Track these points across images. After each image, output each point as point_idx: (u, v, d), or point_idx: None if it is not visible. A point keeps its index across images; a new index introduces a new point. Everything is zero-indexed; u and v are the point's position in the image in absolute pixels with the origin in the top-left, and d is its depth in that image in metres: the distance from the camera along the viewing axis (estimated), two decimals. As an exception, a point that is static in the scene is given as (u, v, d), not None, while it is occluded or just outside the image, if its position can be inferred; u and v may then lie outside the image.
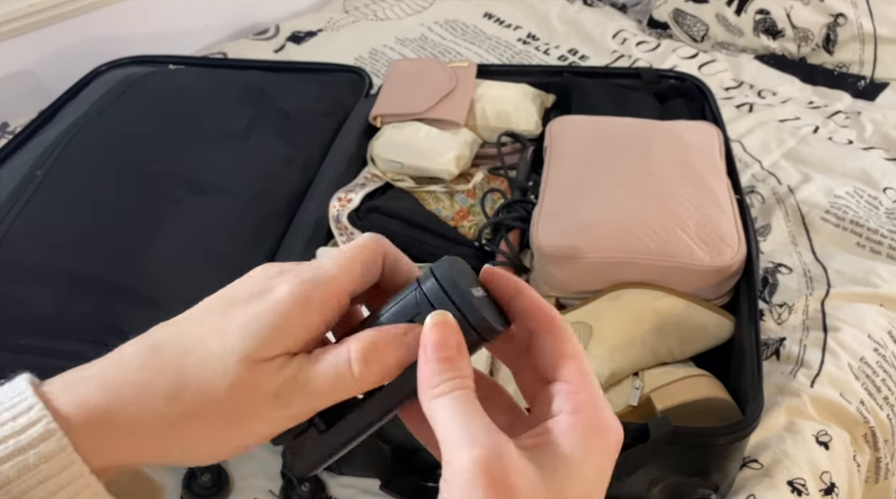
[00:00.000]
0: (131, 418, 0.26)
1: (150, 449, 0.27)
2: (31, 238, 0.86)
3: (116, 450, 0.26)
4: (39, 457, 0.24)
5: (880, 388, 0.84)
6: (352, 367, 0.29)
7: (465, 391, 0.28)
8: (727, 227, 0.85)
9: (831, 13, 1.42)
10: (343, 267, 0.30)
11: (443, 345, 0.29)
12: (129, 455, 0.27)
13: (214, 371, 0.27)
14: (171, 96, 1.11)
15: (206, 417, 0.27)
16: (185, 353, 0.27)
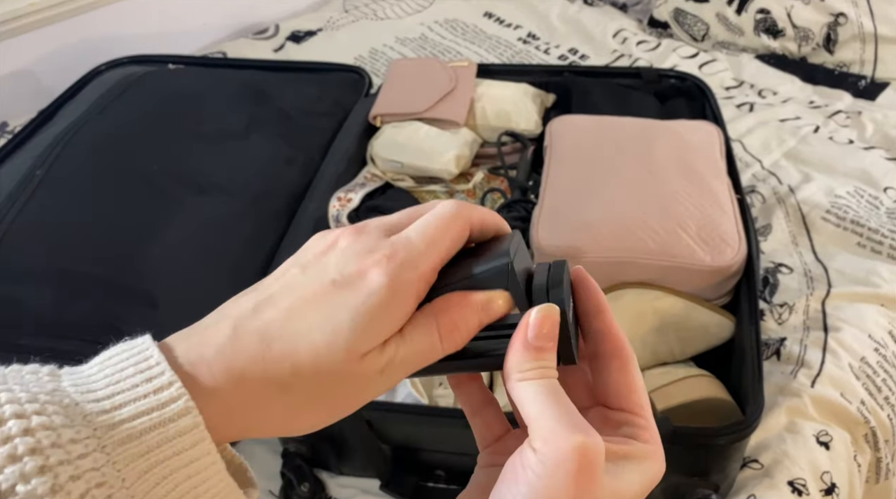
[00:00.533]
0: (255, 409, 0.28)
1: (256, 430, 0.29)
2: (31, 238, 0.86)
3: (231, 431, 0.28)
4: (177, 431, 0.26)
5: (881, 388, 0.84)
6: (441, 341, 0.30)
7: (553, 381, 0.30)
8: (728, 226, 0.85)
9: (832, 13, 1.41)
10: (432, 244, 0.30)
11: (546, 336, 0.30)
12: (236, 434, 0.29)
13: (325, 365, 0.28)
14: (170, 96, 1.11)
15: (316, 404, 0.29)
16: (295, 347, 0.28)
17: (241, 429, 0.29)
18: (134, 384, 0.26)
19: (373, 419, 0.73)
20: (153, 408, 0.26)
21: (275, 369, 0.28)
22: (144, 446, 0.25)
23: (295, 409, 0.29)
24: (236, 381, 0.28)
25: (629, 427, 0.32)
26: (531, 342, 0.30)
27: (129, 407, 0.26)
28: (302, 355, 0.28)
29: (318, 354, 0.28)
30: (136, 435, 0.25)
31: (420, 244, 0.30)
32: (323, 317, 0.28)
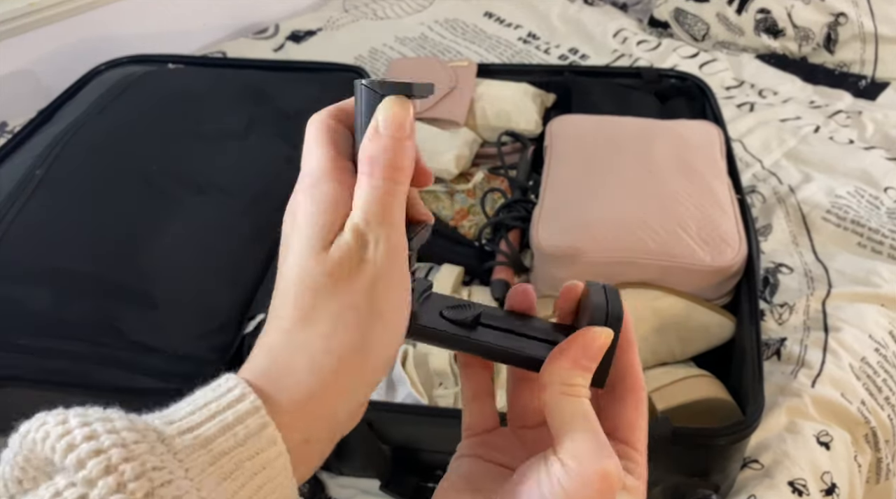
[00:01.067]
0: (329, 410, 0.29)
1: (337, 403, 0.29)
2: (31, 238, 0.86)
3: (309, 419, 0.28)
4: (237, 416, 0.26)
5: (881, 388, 0.84)
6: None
7: (587, 401, 0.31)
8: (728, 226, 0.85)
9: (832, 12, 1.41)
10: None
11: (596, 358, 0.32)
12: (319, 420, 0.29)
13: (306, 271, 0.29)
14: (170, 96, 1.11)
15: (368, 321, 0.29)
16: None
17: (321, 414, 0.29)
18: (206, 403, 0.27)
19: (373, 419, 0.73)
20: (219, 410, 0.26)
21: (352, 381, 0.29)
22: (205, 438, 0.25)
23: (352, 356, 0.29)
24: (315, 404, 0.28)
25: (626, 461, 0.33)
26: (580, 360, 0.31)
27: (197, 413, 0.26)
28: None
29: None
30: (196, 426, 0.26)
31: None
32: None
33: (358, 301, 0.29)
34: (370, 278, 0.29)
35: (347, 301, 0.29)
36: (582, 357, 0.31)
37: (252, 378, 0.28)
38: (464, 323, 0.34)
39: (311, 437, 0.28)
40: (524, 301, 0.36)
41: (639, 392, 0.34)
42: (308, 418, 0.28)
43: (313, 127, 0.33)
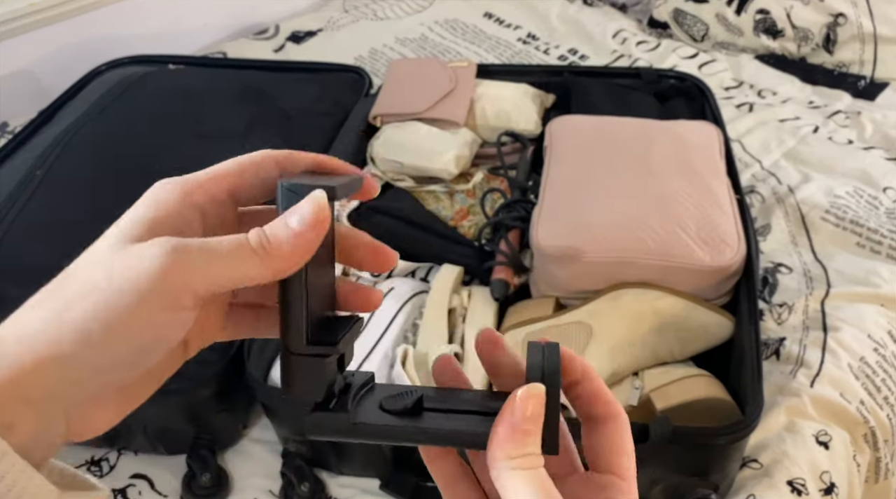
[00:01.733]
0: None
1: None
2: (31, 238, 0.86)
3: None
4: None
5: (880, 388, 0.84)
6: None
7: (541, 470, 0.29)
8: (727, 227, 0.85)
9: (831, 13, 1.42)
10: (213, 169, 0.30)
11: (532, 419, 0.29)
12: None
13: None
14: (170, 96, 1.11)
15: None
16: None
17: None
18: None
19: (373, 419, 0.73)
20: None
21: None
22: None
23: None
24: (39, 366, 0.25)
25: (612, 491, 0.31)
26: (519, 425, 0.29)
27: None
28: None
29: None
30: None
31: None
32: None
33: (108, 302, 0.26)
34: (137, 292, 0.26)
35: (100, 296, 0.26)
36: (521, 422, 0.29)
37: None
38: (404, 412, 0.32)
39: (12, 421, 0.25)
40: (451, 372, 0.34)
41: (615, 418, 0.32)
42: (5, 396, 0.24)
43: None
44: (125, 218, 0.29)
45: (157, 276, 0.26)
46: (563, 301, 0.88)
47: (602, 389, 0.32)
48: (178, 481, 0.79)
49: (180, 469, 0.79)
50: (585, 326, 0.81)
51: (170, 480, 0.80)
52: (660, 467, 0.71)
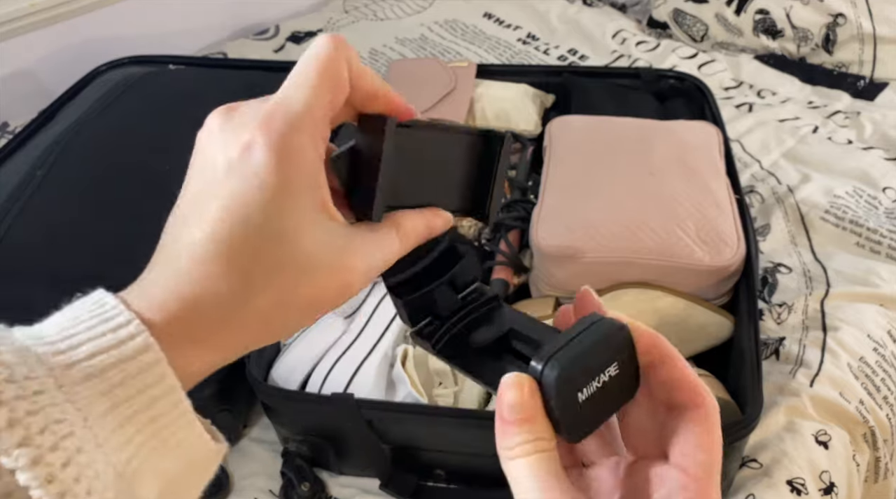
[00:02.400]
0: (220, 326, 0.27)
1: (225, 348, 0.28)
2: (31, 238, 0.86)
3: (201, 356, 0.27)
4: (139, 368, 0.25)
5: (880, 387, 0.85)
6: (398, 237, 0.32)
7: (544, 454, 0.28)
8: (727, 227, 0.85)
9: (831, 13, 1.42)
10: (310, 100, 0.28)
11: (519, 407, 0.28)
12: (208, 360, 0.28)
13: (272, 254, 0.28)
14: (171, 96, 1.11)
15: (283, 298, 0.28)
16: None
17: (212, 351, 0.27)
18: (89, 326, 0.25)
19: (373, 419, 0.73)
20: (111, 346, 0.25)
21: (219, 282, 0.27)
22: (106, 385, 0.24)
23: (260, 310, 0.27)
24: (191, 306, 0.26)
25: (679, 490, 0.29)
26: (504, 417, 0.28)
27: (85, 346, 0.24)
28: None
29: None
30: (97, 373, 0.24)
31: (295, 97, 0.28)
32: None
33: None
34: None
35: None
36: (506, 413, 0.28)
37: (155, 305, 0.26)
38: (479, 348, 0.34)
39: (200, 368, 0.28)
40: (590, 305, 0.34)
41: (696, 409, 0.29)
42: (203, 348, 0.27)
43: (326, 62, 0.29)
44: (313, 184, 0.28)
45: (349, 281, 0.29)
46: (563, 301, 0.88)
47: (685, 375, 0.30)
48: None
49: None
50: (585, 325, 0.81)
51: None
52: (659, 467, 0.71)
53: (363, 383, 0.78)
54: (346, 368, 0.80)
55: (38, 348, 0.24)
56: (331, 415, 0.74)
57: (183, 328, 0.26)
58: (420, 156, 0.32)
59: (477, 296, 0.36)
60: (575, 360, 0.29)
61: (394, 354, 0.82)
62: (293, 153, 0.27)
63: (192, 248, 0.27)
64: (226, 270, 0.27)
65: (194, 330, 0.27)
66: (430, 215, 0.33)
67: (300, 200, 0.27)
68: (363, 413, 0.73)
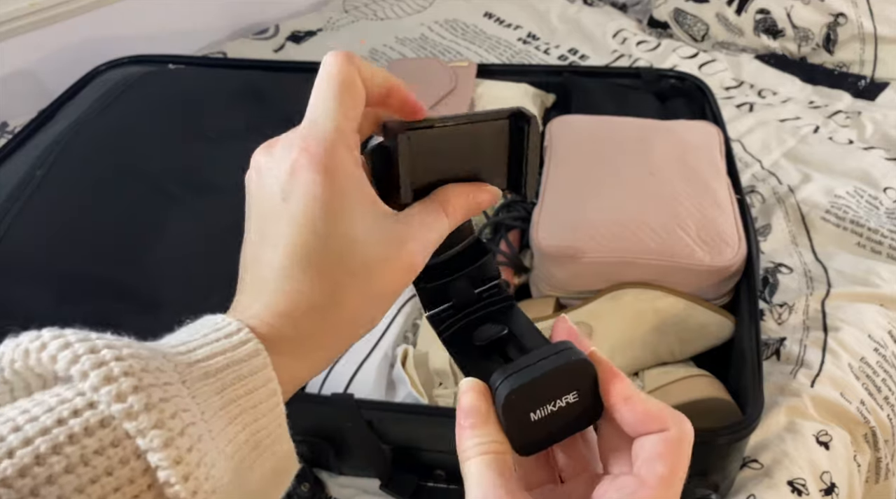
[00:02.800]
0: (317, 332, 0.30)
1: (326, 349, 0.31)
2: (31, 238, 0.86)
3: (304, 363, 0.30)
4: (250, 370, 0.28)
5: (881, 388, 0.84)
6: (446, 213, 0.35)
7: (493, 457, 0.30)
8: (727, 226, 0.85)
9: (832, 13, 1.42)
10: (336, 116, 0.31)
11: (472, 412, 0.31)
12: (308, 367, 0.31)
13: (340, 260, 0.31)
14: (170, 96, 1.11)
15: (360, 297, 0.31)
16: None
17: (308, 362, 0.30)
18: (205, 334, 0.28)
19: (373, 419, 0.73)
20: (226, 349, 0.28)
21: (308, 291, 0.30)
22: (220, 384, 0.27)
23: (346, 311, 0.30)
24: (287, 319, 0.29)
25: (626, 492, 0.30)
26: (460, 420, 0.31)
27: (203, 349, 0.27)
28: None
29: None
30: (213, 373, 0.27)
31: (322, 118, 0.31)
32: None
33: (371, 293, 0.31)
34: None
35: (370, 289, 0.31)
36: (461, 416, 0.31)
37: (258, 317, 0.30)
38: (480, 347, 0.35)
39: (297, 378, 0.31)
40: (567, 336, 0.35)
41: (663, 432, 0.31)
42: (299, 365, 0.30)
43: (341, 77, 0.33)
44: (358, 186, 0.31)
45: (412, 274, 0.32)
46: (563, 301, 0.88)
47: (647, 408, 0.31)
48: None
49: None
50: (586, 326, 0.81)
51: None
52: (660, 468, 0.71)
53: (363, 382, 0.78)
54: (346, 368, 0.80)
55: (165, 349, 0.27)
56: (331, 415, 0.74)
57: (283, 341, 0.29)
58: (443, 148, 0.34)
59: (495, 293, 0.38)
60: (530, 382, 0.30)
61: (394, 355, 0.82)
62: (334, 165, 0.30)
63: (274, 268, 0.30)
64: (310, 280, 0.30)
65: (293, 342, 0.29)
66: (474, 190, 0.35)
67: (353, 203, 0.30)
68: (363, 413, 0.72)
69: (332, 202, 0.30)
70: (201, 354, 0.27)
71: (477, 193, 0.35)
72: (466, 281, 0.37)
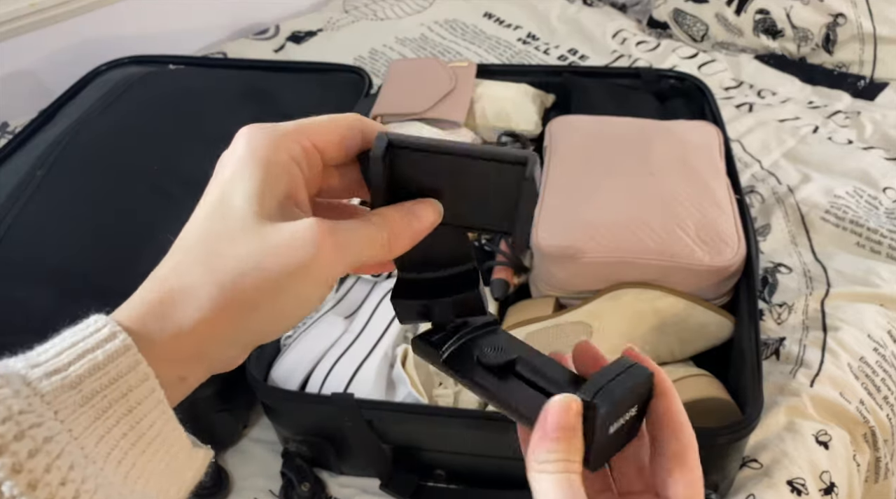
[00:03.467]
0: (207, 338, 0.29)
1: (216, 353, 0.29)
2: (31, 238, 0.86)
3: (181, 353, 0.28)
4: (107, 355, 0.26)
5: (880, 387, 0.84)
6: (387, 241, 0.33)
7: (572, 475, 0.30)
8: (727, 226, 0.85)
9: (831, 13, 1.42)
10: (308, 120, 0.31)
11: (563, 427, 0.30)
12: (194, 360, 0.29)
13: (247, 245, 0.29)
14: (171, 96, 1.11)
15: (262, 294, 0.29)
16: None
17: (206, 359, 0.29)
18: (72, 335, 0.27)
19: (373, 419, 0.73)
20: (87, 350, 0.26)
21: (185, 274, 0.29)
22: (74, 378, 0.25)
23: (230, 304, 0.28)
24: (161, 302, 0.28)
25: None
26: (548, 432, 0.30)
27: (64, 354, 0.26)
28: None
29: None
30: (64, 368, 0.25)
31: (292, 124, 0.32)
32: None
33: (269, 267, 0.28)
34: (300, 267, 0.29)
35: (261, 264, 0.28)
36: (550, 430, 0.30)
37: (130, 313, 0.29)
38: (490, 368, 0.35)
39: (187, 375, 0.29)
40: (590, 359, 0.36)
41: (677, 443, 0.33)
42: (184, 353, 0.28)
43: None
44: (247, 186, 0.29)
45: (315, 261, 0.29)
46: (563, 301, 0.88)
47: (675, 410, 0.33)
48: (179, 480, 0.79)
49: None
50: (585, 325, 0.81)
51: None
52: (660, 467, 0.71)
53: (363, 382, 0.78)
54: (346, 368, 0.80)
55: (29, 371, 0.25)
56: (331, 415, 0.74)
57: (159, 325, 0.28)
58: (426, 173, 0.33)
59: (476, 317, 0.38)
60: (619, 397, 0.31)
61: (394, 355, 0.82)
62: (264, 155, 0.30)
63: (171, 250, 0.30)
64: (191, 262, 0.29)
65: (170, 336, 0.28)
66: (412, 205, 0.33)
67: (258, 192, 0.29)
68: (363, 413, 0.73)
69: (232, 182, 0.29)
70: (62, 361, 0.25)
71: (415, 207, 0.33)
72: (448, 305, 0.36)
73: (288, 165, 0.30)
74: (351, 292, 0.92)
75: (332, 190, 0.34)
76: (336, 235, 0.29)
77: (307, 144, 0.31)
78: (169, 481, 0.28)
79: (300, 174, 0.31)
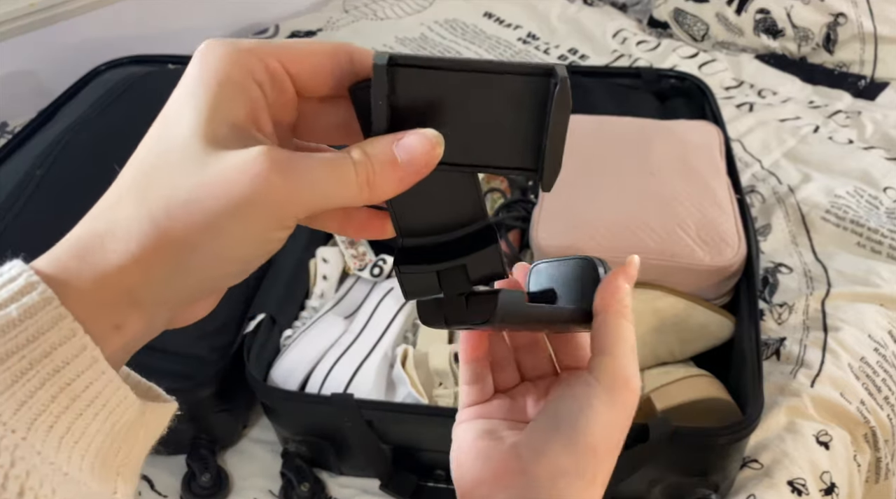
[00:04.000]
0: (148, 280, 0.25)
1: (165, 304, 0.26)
2: (31, 238, 0.86)
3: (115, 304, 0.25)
4: (23, 310, 0.23)
5: (881, 388, 0.84)
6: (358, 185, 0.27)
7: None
8: (727, 226, 0.85)
9: (831, 13, 1.41)
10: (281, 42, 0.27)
11: (633, 282, 0.36)
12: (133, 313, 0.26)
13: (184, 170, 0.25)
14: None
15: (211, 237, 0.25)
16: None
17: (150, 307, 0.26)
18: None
19: (373, 419, 0.73)
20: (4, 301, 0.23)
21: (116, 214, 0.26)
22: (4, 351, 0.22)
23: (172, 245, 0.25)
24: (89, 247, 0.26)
25: (580, 385, 0.35)
26: (626, 284, 0.35)
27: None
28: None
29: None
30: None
31: (253, 42, 0.28)
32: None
33: (216, 209, 0.24)
34: (256, 200, 0.24)
35: (207, 203, 0.25)
36: (630, 279, 0.36)
37: (52, 258, 0.25)
38: (541, 297, 0.38)
39: (121, 323, 0.25)
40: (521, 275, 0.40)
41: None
42: (114, 297, 0.25)
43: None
44: (195, 106, 0.26)
45: (260, 197, 0.24)
46: (564, 301, 0.88)
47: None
48: (178, 481, 0.79)
49: (180, 469, 0.79)
50: (585, 326, 0.81)
51: (169, 480, 0.80)
52: (660, 468, 0.71)
53: (363, 382, 0.78)
54: (346, 368, 0.80)
55: None
56: (331, 415, 0.74)
57: (84, 273, 0.25)
58: (438, 97, 0.28)
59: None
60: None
61: (394, 355, 0.82)
62: (217, 68, 0.26)
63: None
64: (124, 196, 0.27)
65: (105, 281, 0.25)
66: (401, 135, 0.27)
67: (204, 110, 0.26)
68: (363, 413, 0.72)
69: (180, 100, 0.26)
70: None
71: (403, 135, 0.27)
72: (462, 273, 0.31)
73: (246, 84, 0.26)
74: (351, 292, 0.92)
75: (316, 131, 0.30)
76: (292, 167, 0.25)
77: (274, 65, 0.27)
78: (118, 441, 0.25)
79: (262, 97, 0.27)
